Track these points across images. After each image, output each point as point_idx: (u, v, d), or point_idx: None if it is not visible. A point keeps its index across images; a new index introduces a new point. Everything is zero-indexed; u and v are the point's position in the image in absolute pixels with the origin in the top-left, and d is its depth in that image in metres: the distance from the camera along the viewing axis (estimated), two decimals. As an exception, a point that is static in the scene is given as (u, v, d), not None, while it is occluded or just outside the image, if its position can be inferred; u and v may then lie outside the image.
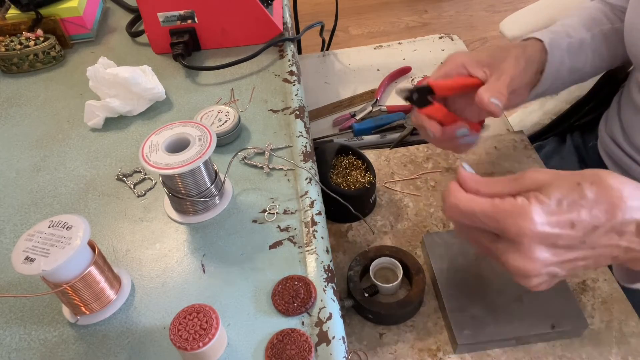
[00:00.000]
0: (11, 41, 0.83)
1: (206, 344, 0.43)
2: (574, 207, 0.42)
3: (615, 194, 0.41)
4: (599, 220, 0.41)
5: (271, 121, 0.71)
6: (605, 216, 0.41)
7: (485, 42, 2.39)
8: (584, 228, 0.42)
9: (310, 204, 0.59)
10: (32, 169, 0.67)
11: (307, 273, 0.53)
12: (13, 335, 0.50)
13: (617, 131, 0.75)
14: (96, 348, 0.49)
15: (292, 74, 0.78)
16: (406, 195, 0.75)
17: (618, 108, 0.76)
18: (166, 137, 0.55)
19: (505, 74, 0.58)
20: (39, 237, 0.45)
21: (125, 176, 0.65)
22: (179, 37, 0.82)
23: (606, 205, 0.41)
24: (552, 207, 0.42)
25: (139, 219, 0.60)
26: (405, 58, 1.11)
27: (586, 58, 0.68)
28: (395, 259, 0.63)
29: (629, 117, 0.72)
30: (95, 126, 0.72)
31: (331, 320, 0.49)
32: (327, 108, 1.01)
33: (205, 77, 0.80)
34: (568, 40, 0.66)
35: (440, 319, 0.61)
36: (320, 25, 1.05)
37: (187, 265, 0.55)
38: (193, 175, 0.55)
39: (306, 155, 0.65)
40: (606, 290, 0.62)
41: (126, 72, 0.70)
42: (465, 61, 0.60)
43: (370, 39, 2.46)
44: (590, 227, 0.42)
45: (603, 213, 0.41)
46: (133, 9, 0.97)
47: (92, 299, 0.49)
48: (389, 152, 0.82)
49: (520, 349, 0.57)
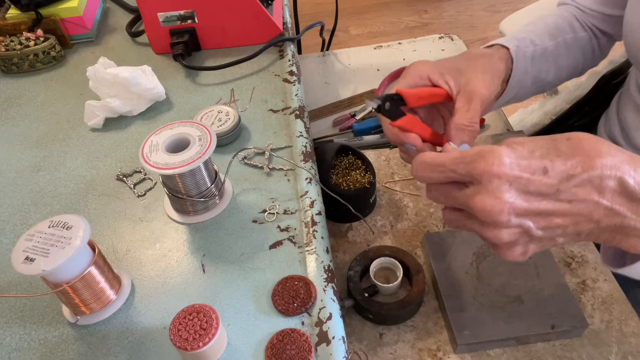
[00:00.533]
0: (11, 41, 0.83)
1: (206, 344, 0.43)
2: (548, 155, 0.40)
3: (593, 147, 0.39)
4: (574, 169, 0.39)
5: (271, 121, 0.71)
6: (581, 166, 0.39)
7: (485, 42, 2.38)
8: (558, 175, 0.39)
9: (310, 204, 0.59)
10: (32, 169, 0.67)
11: (307, 273, 0.53)
12: (13, 335, 0.50)
13: (616, 131, 0.75)
14: (96, 348, 0.49)
15: (292, 74, 0.78)
16: (406, 195, 0.75)
17: (617, 108, 0.76)
18: (166, 137, 0.55)
19: (475, 97, 0.56)
20: (39, 237, 0.45)
21: (125, 176, 0.65)
22: (179, 37, 0.82)
23: (583, 157, 0.39)
24: (524, 152, 0.40)
25: (139, 219, 0.60)
26: (405, 58, 1.11)
27: (548, 67, 0.67)
28: (395, 259, 0.63)
29: (629, 117, 0.72)
30: (95, 126, 0.72)
31: (331, 320, 0.49)
32: (327, 108, 1.01)
33: (205, 77, 0.80)
34: (532, 49, 0.65)
35: (440, 319, 0.61)
36: (320, 25, 1.05)
37: (187, 265, 0.55)
38: (193, 175, 0.55)
39: (306, 155, 0.65)
40: (606, 290, 0.62)
41: (126, 72, 0.70)
42: (429, 72, 0.57)
43: (370, 39, 2.47)
44: (564, 175, 0.39)
45: (579, 163, 0.39)
46: (133, 9, 0.97)
47: (92, 299, 0.49)
48: (389, 152, 0.82)
49: (520, 349, 0.57)
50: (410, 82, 0.57)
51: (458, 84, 0.57)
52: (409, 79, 0.58)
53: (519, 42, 0.64)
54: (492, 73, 0.59)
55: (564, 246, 0.66)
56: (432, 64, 0.58)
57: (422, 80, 0.57)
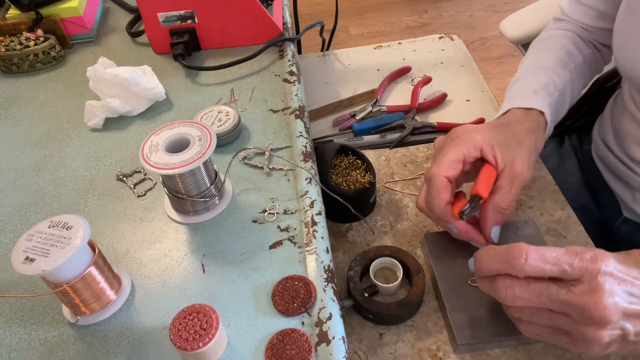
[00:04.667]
0: (11, 41, 0.83)
1: (206, 344, 0.43)
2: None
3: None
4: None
5: (271, 121, 0.71)
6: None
7: (485, 42, 2.40)
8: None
9: (310, 204, 0.59)
10: (32, 169, 0.67)
11: (307, 273, 0.53)
12: (13, 335, 0.50)
13: (609, 137, 0.75)
14: (96, 348, 0.49)
15: (292, 74, 0.78)
16: (406, 195, 0.75)
17: (611, 113, 0.76)
18: (166, 137, 0.55)
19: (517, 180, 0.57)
20: (39, 237, 0.45)
21: (125, 176, 0.65)
22: (179, 37, 0.82)
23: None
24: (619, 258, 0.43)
25: (139, 219, 0.60)
26: (405, 58, 1.11)
27: (565, 100, 0.69)
28: (395, 259, 0.63)
29: (622, 124, 0.72)
30: (95, 126, 0.72)
31: (331, 320, 0.49)
32: (327, 108, 1.01)
33: (205, 77, 0.80)
34: (556, 96, 0.66)
35: (440, 319, 0.61)
36: (320, 25, 1.05)
37: (187, 265, 0.55)
38: (193, 175, 0.55)
39: (306, 155, 0.65)
40: (606, 290, 0.62)
41: (126, 72, 0.70)
42: (482, 144, 0.57)
43: (370, 39, 2.47)
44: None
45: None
46: (133, 9, 0.97)
47: (92, 299, 0.49)
48: (389, 152, 0.82)
49: (520, 349, 0.57)
50: (465, 151, 0.57)
51: (504, 160, 0.57)
52: (463, 148, 0.57)
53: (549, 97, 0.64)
54: (535, 152, 0.61)
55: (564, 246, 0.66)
56: (485, 135, 0.57)
57: (475, 151, 0.57)
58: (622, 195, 0.74)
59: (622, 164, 0.72)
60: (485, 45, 2.38)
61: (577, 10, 0.75)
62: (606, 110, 0.79)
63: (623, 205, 0.75)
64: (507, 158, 0.57)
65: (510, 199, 0.57)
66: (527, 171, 0.58)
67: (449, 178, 0.56)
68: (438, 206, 0.57)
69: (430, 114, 0.98)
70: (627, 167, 0.71)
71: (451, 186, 0.57)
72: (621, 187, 0.74)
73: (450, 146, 0.58)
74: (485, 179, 0.57)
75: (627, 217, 0.75)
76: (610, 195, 0.77)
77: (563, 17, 0.77)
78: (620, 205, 0.76)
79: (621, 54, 0.64)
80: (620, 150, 0.73)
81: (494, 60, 2.29)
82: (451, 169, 0.56)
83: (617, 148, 0.73)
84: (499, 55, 2.32)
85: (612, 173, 0.76)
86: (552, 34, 0.75)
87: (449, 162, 0.56)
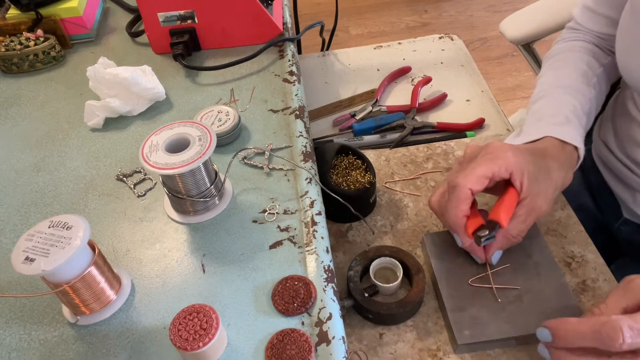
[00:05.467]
0: (11, 41, 0.83)
1: (206, 344, 0.43)
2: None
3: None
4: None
5: (271, 121, 0.71)
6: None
7: (485, 42, 2.40)
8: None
9: (310, 204, 0.59)
10: (32, 169, 0.67)
11: (307, 273, 0.53)
12: (13, 335, 0.50)
13: (610, 138, 0.75)
14: (96, 348, 0.49)
15: (292, 74, 0.78)
16: (406, 195, 0.75)
17: (612, 115, 0.76)
18: (166, 137, 0.55)
19: (535, 213, 0.57)
20: (39, 237, 0.45)
21: (125, 176, 0.65)
22: (179, 37, 0.82)
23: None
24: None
25: (139, 219, 0.60)
26: (405, 58, 1.11)
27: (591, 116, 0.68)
28: (395, 259, 0.63)
29: (622, 126, 0.72)
30: (95, 126, 0.72)
31: (331, 320, 0.49)
32: (327, 108, 1.01)
33: (205, 77, 0.80)
34: (585, 120, 0.65)
35: (440, 319, 0.61)
36: (320, 25, 1.05)
37: (187, 265, 0.55)
38: (193, 175, 0.55)
39: (306, 155, 0.65)
40: (606, 290, 0.62)
41: (126, 72, 0.70)
42: (514, 168, 0.56)
43: (370, 39, 2.47)
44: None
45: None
46: (133, 9, 0.97)
47: (92, 299, 0.49)
48: (389, 152, 0.82)
49: (520, 349, 0.57)
50: (496, 169, 0.56)
51: (529, 190, 0.56)
52: (495, 167, 0.56)
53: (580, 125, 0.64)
54: (562, 187, 0.60)
55: (564, 246, 0.66)
56: (519, 159, 0.56)
57: (506, 173, 0.56)
58: (623, 197, 0.74)
59: (623, 165, 0.72)
60: (485, 45, 2.38)
61: (590, 19, 0.74)
62: (606, 110, 0.79)
63: (623, 207, 0.75)
64: (533, 189, 0.57)
65: (523, 229, 0.57)
66: (548, 206, 0.58)
67: (472, 191, 0.56)
68: (455, 216, 0.57)
69: (430, 114, 0.98)
70: (628, 168, 0.71)
71: (472, 199, 0.57)
72: (622, 188, 0.74)
73: (483, 160, 0.57)
74: (508, 206, 0.57)
75: (628, 218, 0.75)
76: (610, 196, 0.77)
77: (577, 26, 0.76)
78: (620, 206, 0.76)
79: (625, 58, 0.64)
80: (621, 152, 0.72)
81: (494, 60, 2.30)
82: (478, 183, 0.56)
83: (617, 149, 0.73)
84: (499, 55, 2.32)
85: (613, 174, 0.76)
86: (569, 46, 0.74)
87: (478, 176, 0.56)
